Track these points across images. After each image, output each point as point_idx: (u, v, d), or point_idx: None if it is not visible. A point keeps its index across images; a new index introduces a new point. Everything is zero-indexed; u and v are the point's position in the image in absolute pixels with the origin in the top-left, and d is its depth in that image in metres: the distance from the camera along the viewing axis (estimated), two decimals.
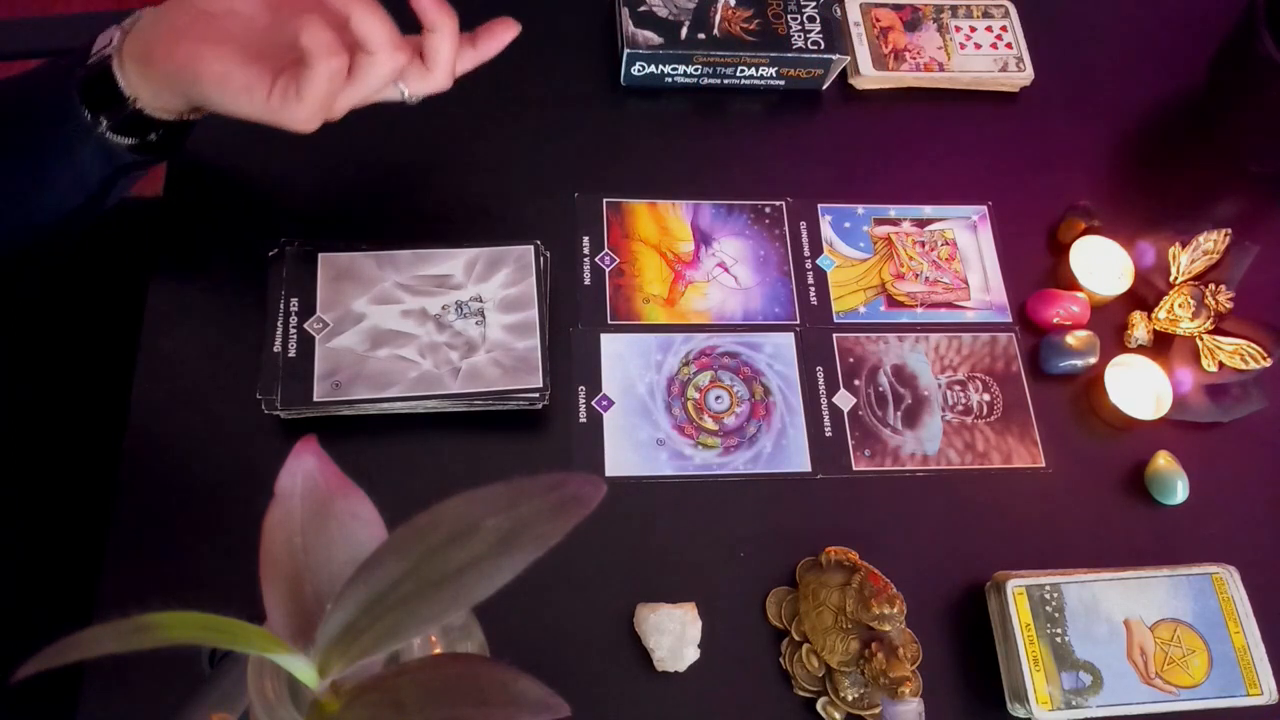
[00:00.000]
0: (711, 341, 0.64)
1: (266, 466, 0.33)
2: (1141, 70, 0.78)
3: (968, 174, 0.72)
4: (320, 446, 0.34)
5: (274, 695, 0.31)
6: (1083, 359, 0.64)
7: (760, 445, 0.61)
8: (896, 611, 0.52)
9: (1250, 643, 0.54)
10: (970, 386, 0.64)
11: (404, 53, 0.48)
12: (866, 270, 0.67)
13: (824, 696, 0.54)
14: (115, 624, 0.24)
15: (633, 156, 0.69)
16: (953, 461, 0.62)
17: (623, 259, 0.66)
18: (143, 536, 0.54)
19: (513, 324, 0.59)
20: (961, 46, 0.75)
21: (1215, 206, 0.74)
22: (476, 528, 0.29)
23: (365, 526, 0.33)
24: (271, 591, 0.31)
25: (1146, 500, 0.62)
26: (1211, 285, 0.67)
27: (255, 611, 0.30)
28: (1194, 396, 0.64)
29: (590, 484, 0.29)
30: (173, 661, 0.36)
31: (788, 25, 0.71)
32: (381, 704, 0.28)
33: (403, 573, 0.29)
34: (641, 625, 0.54)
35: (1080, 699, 0.52)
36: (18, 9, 1.68)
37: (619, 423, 0.60)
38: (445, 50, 0.49)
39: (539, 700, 0.27)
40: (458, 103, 0.70)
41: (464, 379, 0.57)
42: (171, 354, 0.59)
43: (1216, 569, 0.56)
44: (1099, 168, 0.74)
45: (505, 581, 0.28)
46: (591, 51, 0.73)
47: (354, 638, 0.29)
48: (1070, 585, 0.55)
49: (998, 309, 0.67)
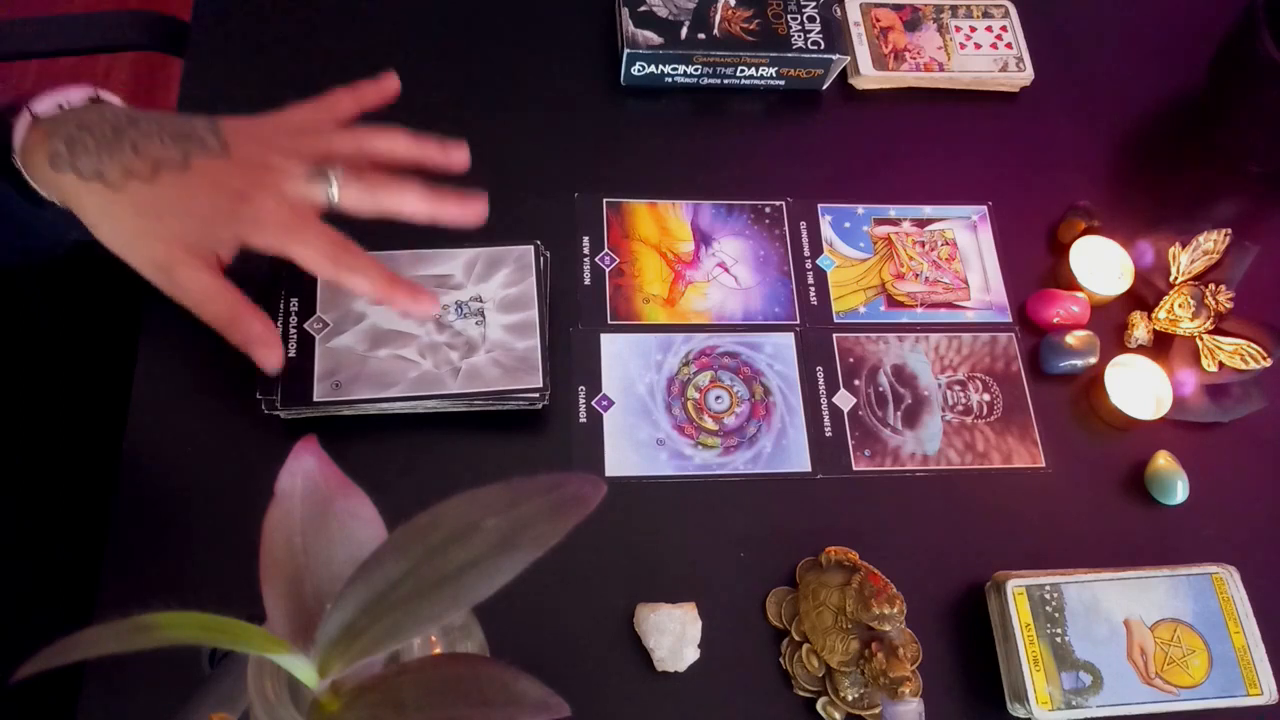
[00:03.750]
0: (711, 341, 0.64)
1: (266, 466, 0.33)
2: (1141, 70, 0.78)
3: (968, 174, 0.72)
4: (320, 446, 0.34)
5: (274, 695, 0.31)
6: (1083, 359, 0.64)
7: (760, 445, 0.61)
8: (896, 611, 0.52)
9: (1250, 643, 0.54)
10: (970, 386, 0.64)
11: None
12: (866, 270, 0.67)
13: (824, 696, 0.54)
14: (115, 624, 0.25)
15: (633, 156, 0.69)
16: (953, 461, 0.62)
17: (623, 259, 0.66)
18: (143, 536, 0.54)
19: (512, 324, 0.59)
20: (961, 46, 0.75)
21: (1215, 206, 0.74)
22: (476, 528, 0.29)
23: (365, 526, 0.33)
24: (271, 591, 0.31)
25: (1146, 500, 0.62)
26: (1211, 285, 0.67)
27: (255, 611, 0.30)
28: (1194, 396, 0.64)
29: (590, 484, 0.29)
30: (173, 661, 0.36)
31: (788, 25, 0.71)
32: (381, 704, 0.28)
33: (403, 573, 0.29)
34: (641, 625, 0.54)
35: (1080, 699, 0.52)
36: (18, 9, 1.68)
37: (619, 423, 0.60)
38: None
39: (539, 700, 0.27)
40: (458, 102, 0.70)
41: (464, 379, 0.57)
42: (171, 354, 0.59)
43: (1216, 569, 0.56)
44: (1099, 168, 0.74)
45: (505, 581, 0.28)
46: (591, 51, 0.73)
47: (354, 638, 0.29)
48: (1070, 585, 0.55)
49: (998, 309, 0.67)
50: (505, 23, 0.73)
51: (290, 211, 0.50)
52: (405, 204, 0.52)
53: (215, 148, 0.50)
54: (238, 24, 0.71)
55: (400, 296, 0.51)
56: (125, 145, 0.48)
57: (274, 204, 0.50)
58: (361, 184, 0.52)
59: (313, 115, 0.55)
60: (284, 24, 0.71)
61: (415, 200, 0.53)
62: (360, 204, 0.52)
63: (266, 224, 0.49)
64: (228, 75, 0.69)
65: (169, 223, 0.49)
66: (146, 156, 0.48)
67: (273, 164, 0.51)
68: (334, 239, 0.50)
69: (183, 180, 0.49)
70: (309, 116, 0.55)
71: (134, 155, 0.48)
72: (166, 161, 0.49)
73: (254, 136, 0.52)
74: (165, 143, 0.49)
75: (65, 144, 0.48)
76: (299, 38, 0.71)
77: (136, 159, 0.48)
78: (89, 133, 0.49)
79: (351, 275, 0.50)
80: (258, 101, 0.66)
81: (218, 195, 0.49)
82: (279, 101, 0.68)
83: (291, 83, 0.69)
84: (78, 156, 0.48)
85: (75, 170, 0.48)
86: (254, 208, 0.49)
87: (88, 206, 0.49)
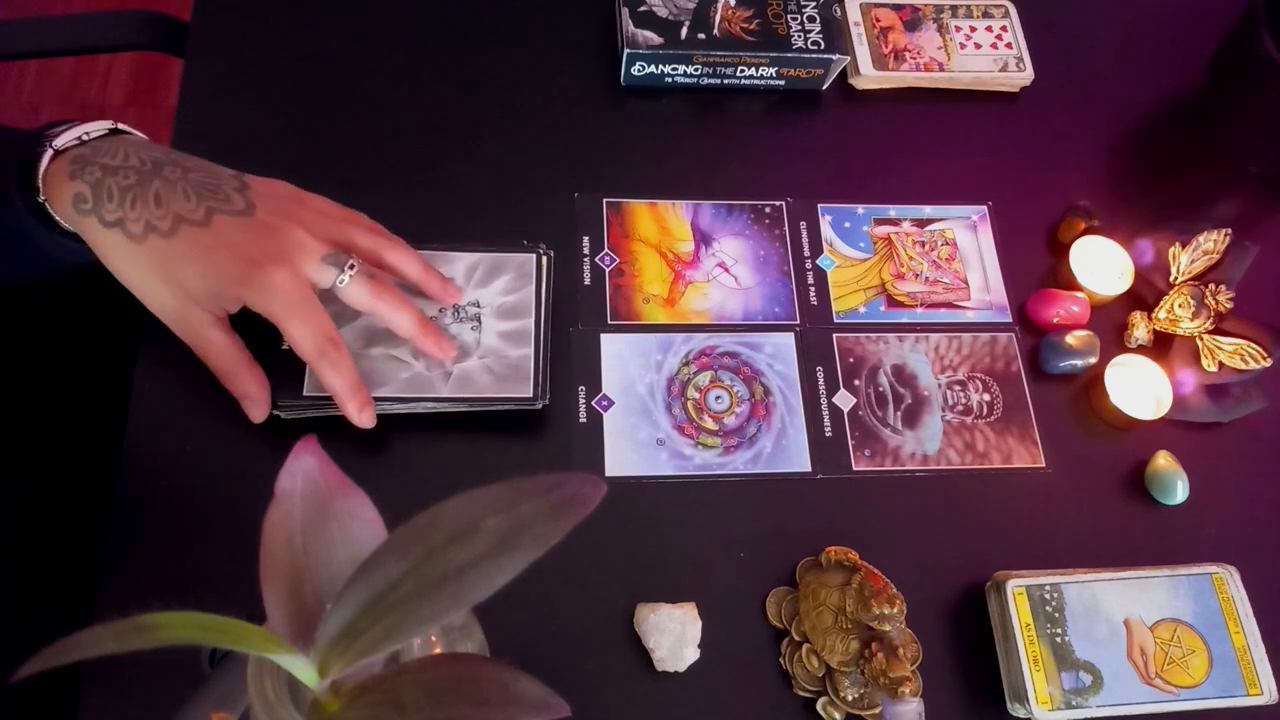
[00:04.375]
0: (711, 341, 0.64)
1: (266, 466, 0.33)
2: (1141, 70, 0.78)
3: (968, 174, 0.72)
4: (320, 446, 0.34)
5: (274, 695, 0.31)
6: (1083, 359, 0.64)
7: (760, 445, 0.61)
8: (896, 611, 0.52)
9: (1250, 643, 0.54)
10: (970, 386, 0.64)
11: None
12: (866, 270, 0.67)
13: (824, 696, 0.54)
14: (115, 624, 0.24)
15: (633, 156, 0.69)
16: (953, 461, 0.62)
17: (623, 259, 0.66)
18: (143, 536, 0.54)
19: (508, 331, 0.59)
20: (961, 46, 0.75)
21: (1215, 206, 0.74)
22: (476, 528, 0.29)
23: (365, 526, 0.33)
24: (271, 591, 0.31)
25: (1146, 500, 0.62)
26: (1211, 285, 0.67)
27: (255, 611, 0.30)
28: (1194, 396, 0.64)
29: (590, 484, 0.29)
30: (173, 661, 0.36)
31: (788, 25, 0.71)
32: (381, 704, 0.28)
33: (403, 573, 0.29)
34: (641, 625, 0.54)
35: (1080, 699, 0.52)
36: (17, 9, 1.68)
37: (619, 423, 0.60)
38: None
39: (539, 700, 0.27)
40: (458, 102, 0.70)
41: (454, 384, 0.57)
42: (171, 354, 0.59)
43: (1216, 569, 0.56)
44: (1099, 168, 0.74)
45: (505, 581, 0.28)
46: (591, 51, 0.73)
47: (354, 638, 0.29)
48: (1070, 585, 0.55)
49: (998, 309, 0.67)
50: (505, 23, 0.73)
51: (299, 289, 0.51)
52: (399, 322, 0.55)
53: (240, 207, 0.51)
54: (238, 24, 0.71)
55: (355, 403, 0.54)
56: (149, 196, 0.49)
57: (285, 278, 0.50)
58: (371, 285, 0.53)
59: (341, 209, 0.56)
60: (284, 24, 0.71)
61: (408, 324, 0.55)
62: (359, 301, 0.54)
63: (274, 295, 0.50)
64: (228, 75, 0.68)
65: (182, 278, 0.50)
66: (169, 211, 0.49)
67: (294, 238, 0.51)
68: (329, 331, 0.52)
69: (201, 237, 0.50)
70: (337, 207, 0.56)
71: (156, 208, 0.49)
72: (188, 217, 0.50)
73: (280, 204, 0.53)
74: (189, 197, 0.50)
75: (91, 189, 0.49)
76: (299, 38, 0.71)
77: (159, 213, 0.49)
78: (114, 178, 0.49)
79: (329, 371, 0.52)
80: (258, 101, 0.66)
81: (233, 257, 0.50)
82: (279, 101, 0.68)
83: (291, 83, 0.69)
84: (101, 204, 0.49)
85: (98, 218, 0.49)
86: (266, 277, 0.50)
87: (106, 248, 0.50)
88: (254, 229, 0.51)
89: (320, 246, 0.52)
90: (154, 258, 0.50)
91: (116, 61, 1.64)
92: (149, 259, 0.50)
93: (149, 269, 0.50)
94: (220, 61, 0.69)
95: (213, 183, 0.51)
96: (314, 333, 0.51)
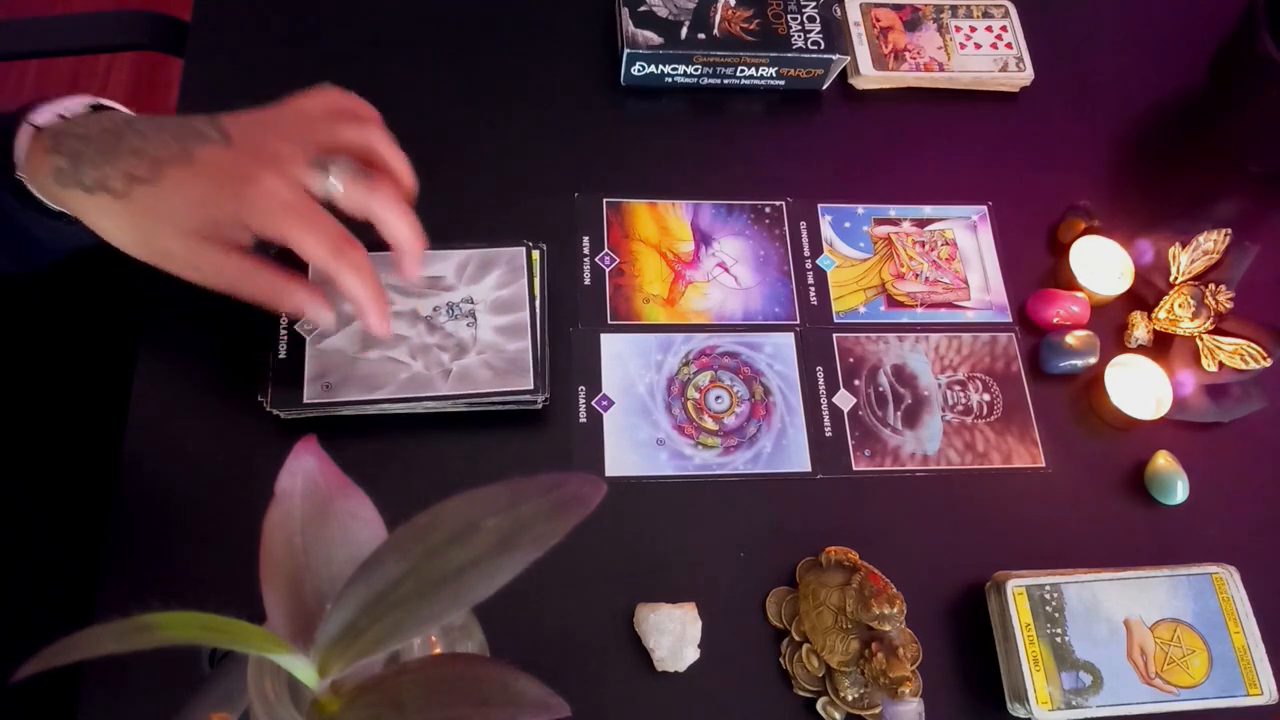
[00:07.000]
0: (711, 341, 0.64)
1: (266, 466, 0.33)
2: (1141, 70, 0.78)
3: (968, 174, 0.72)
4: (320, 446, 0.34)
5: (274, 695, 0.31)
6: (1083, 359, 0.64)
7: (760, 445, 0.61)
8: (896, 611, 0.52)
9: (1250, 643, 0.54)
10: (970, 386, 0.64)
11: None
12: (866, 270, 0.67)
13: (824, 696, 0.54)
14: (115, 624, 0.24)
15: (633, 156, 0.69)
16: (953, 461, 0.62)
17: (623, 259, 0.66)
18: (143, 536, 0.54)
19: (504, 325, 0.59)
20: (961, 46, 0.75)
21: (1215, 206, 0.74)
22: (476, 528, 0.29)
23: (365, 526, 0.33)
24: (271, 591, 0.31)
25: (1146, 500, 0.62)
26: (1211, 285, 0.67)
27: (255, 611, 0.30)
28: (1194, 396, 0.64)
29: (590, 484, 0.29)
30: (173, 661, 0.36)
31: (788, 25, 0.71)
32: (381, 704, 0.28)
33: (403, 573, 0.29)
34: (641, 625, 0.54)
35: (1080, 699, 0.52)
36: (17, 9, 1.68)
37: (619, 423, 0.60)
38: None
39: (539, 700, 0.27)
40: (457, 102, 0.70)
41: (454, 381, 0.57)
42: (172, 353, 0.59)
43: (1216, 569, 0.56)
44: (1099, 168, 0.74)
45: (505, 581, 0.28)
46: (591, 51, 0.73)
47: (354, 638, 0.29)
48: (1070, 585, 0.55)
49: (998, 309, 0.67)
50: (505, 23, 0.73)
51: (296, 195, 0.49)
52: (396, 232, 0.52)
53: (216, 138, 0.50)
54: (238, 24, 0.71)
55: (377, 311, 0.51)
56: (125, 150, 0.48)
57: (278, 184, 0.48)
58: (365, 185, 0.51)
59: (318, 101, 0.54)
60: (284, 24, 0.71)
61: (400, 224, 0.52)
62: (355, 202, 0.51)
63: (272, 206, 0.48)
64: (228, 75, 0.68)
65: (178, 216, 0.49)
66: (146, 157, 0.48)
67: (277, 149, 0.50)
68: (340, 230, 0.49)
69: (186, 173, 0.48)
70: (314, 99, 0.54)
71: (134, 159, 0.48)
72: (168, 158, 0.48)
73: (255, 126, 0.51)
74: (165, 141, 0.49)
75: (68, 159, 0.48)
76: (299, 38, 0.71)
77: (138, 162, 0.48)
78: (89, 143, 0.48)
79: (349, 272, 0.49)
80: (258, 102, 0.66)
81: (221, 180, 0.48)
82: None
83: (292, 83, 0.69)
84: (81, 170, 0.48)
85: (80, 185, 0.48)
86: (258, 188, 0.48)
87: (96, 217, 0.49)
88: (235, 153, 0.49)
89: (304, 151, 0.50)
90: (144, 207, 0.48)
91: (116, 61, 1.64)
92: (140, 211, 0.48)
93: (143, 220, 0.49)
94: (220, 61, 0.69)
95: (185, 126, 0.50)
96: (324, 234, 0.49)
